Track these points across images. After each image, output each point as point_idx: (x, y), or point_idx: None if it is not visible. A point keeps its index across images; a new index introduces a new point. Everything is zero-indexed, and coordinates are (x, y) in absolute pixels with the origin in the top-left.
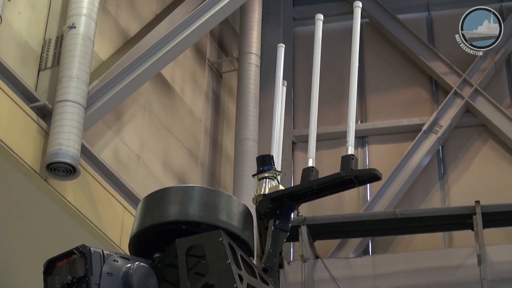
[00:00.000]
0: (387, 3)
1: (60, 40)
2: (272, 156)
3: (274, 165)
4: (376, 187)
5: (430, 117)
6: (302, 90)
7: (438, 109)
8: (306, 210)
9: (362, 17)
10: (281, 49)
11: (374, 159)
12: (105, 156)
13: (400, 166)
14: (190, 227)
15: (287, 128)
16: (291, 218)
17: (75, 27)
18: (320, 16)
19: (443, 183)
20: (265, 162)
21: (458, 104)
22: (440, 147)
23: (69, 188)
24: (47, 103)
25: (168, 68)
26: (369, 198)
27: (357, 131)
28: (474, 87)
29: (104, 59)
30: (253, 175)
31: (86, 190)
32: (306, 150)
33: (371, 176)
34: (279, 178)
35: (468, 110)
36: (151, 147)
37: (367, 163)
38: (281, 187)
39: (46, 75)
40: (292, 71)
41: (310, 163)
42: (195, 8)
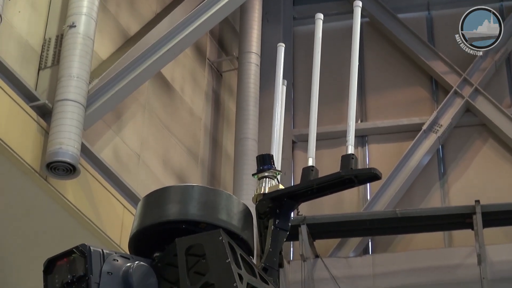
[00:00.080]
0: (387, 3)
1: (60, 39)
2: (272, 155)
3: (274, 164)
4: (376, 186)
5: (430, 117)
6: (302, 89)
7: (438, 109)
8: (306, 210)
9: (362, 16)
10: (281, 48)
11: (374, 158)
12: (105, 155)
13: (400, 165)
14: (190, 226)
15: (287, 128)
16: (291, 217)
17: (75, 26)
18: (320, 16)
19: (443, 182)
20: (265, 161)
21: (458, 103)
22: (440, 146)
23: (69, 187)
24: (47, 102)
25: (168, 67)
26: (369, 197)
27: (357, 130)
28: (474, 87)
29: (104, 58)
30: (253, 174)
31: (86, 189)
32: (306, 149)
33: (371, 175)
34: (279, 177)
35: (468, 109)
36: (151, 146)
37: (367, 163)
38: (281, 186)
39: (46, 74)
40: (292, 70)
41: (310, 162)
42: (195, 7)
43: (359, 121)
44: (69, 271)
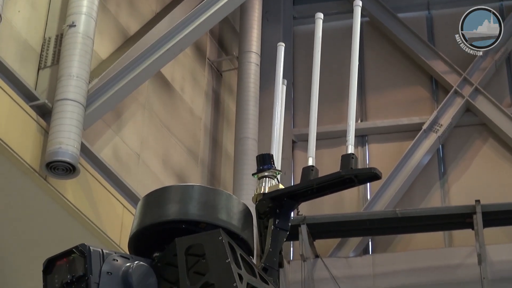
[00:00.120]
0: (387, 2)
1: (60, 38)
2: (272, 155)
3: (274, 164)
4: (376, 186)
5: (430, 116)
6: (302, 89)
7: (438, 108)
8: (306, 209)
9: (362, 16)
10: (281, 47)
11: (374, 158)
12: (105, 155)
13: (400, 165)
14: (190, 226)
15: (287, 127)
16: (291, 217)
17: (75, 25)
18: (320, 15)
19: (443, 182)
20: (265, 161)
21: (458, 103)
22: (440, 146)
23: (68, 187)
24: (46, 102)
25: (168, 67)
26: (369, 197)
27: (357, 130)
28: (474, 86)
29: (104, 58)
30: (253, 174)
31: (86, 189)
32: (306, 149)
33: (371, 175)
34: (279, 177)
35: (468, 109)
36: (150, 146)
37: (367, 162)
38: (281, 186)
39: (45, 74)
40: (292, 70)
41: (310, 162)
42: (195, 7)
43: (359, 121)
44: (68, 271)
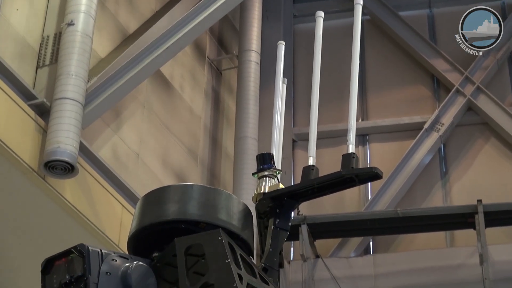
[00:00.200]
0: (389, 0)
1: (58, 37)
2: (272, 155)
3: (274, 163)
4: (377, 185)
5: (431, 115)
6: (302, 87)
7: (440, 107)
8: (307, 209)
9: (363, 14)
10: (281, 46)
11: (375, 157)
12: (104, 154)
13: (402, 164)
14: (189, 226)
15: (288, 126)
16: (292, 217)
17: (73, 24)
18: (321, 13)
19: (445, 181)
20: (265, 161)
21: (460, 102)
22: (442, 145)
23: (67, 186)
24: (45, 101)
25: (168, 66)
26: (370, 196)
27: (358, 129)
28: (476, 85)
29: (102, 56)
30: (253, 174)
31: (85, 189)
32: (306, 148)
33: (372, 174)
34: (279, 176)
35: (470, 108)
36: (150, 145)
37: (368, 162)
38: (281, 186)
39: (44, 73)
40: (293, 68)
41: (311, 161)
42: (195, 5)
43: (360, 120)
44: (67, 271)
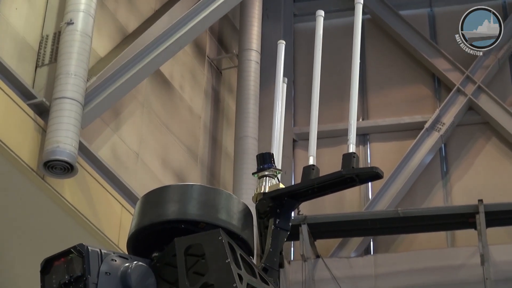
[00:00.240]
0: None
1: (57, 36)
2: (273, 154)
3: (274, 163)
4: (378, 185)
5: (432, 115)
6: (303, 87)
7: (441, 107)
8: (307, 209)
9: (364, 13)
10: (282, 45)
11: (375, 157)
12: (103, 154)
13: (402, 164)
14: (189, 226)
15: (288, 126)
16: (292, 217)
17: (73, 23)
18: (321, 12)
19: (446, 181)
20: (265, 160)
21: (461, 101)
22: (443, 145)
23: (66, 186)
24: (44, 100)
25: (167, 65)
26: (370, 196)
27: (358, 128)
28: (477, 84)
29: (102, 56)
30: (253, 173)
31: (84, 188)
32: (307, 148)
33: (373, 174)
34: (279, 176)
35: (471, 107)
36: (149, 145)
37: (368, 161)
38: (282, 186)
39: (43, 72)
40: (293, 68)
41: (311, 161)
42: (195, 4)
43: (360, 119)
44: (66, 271)
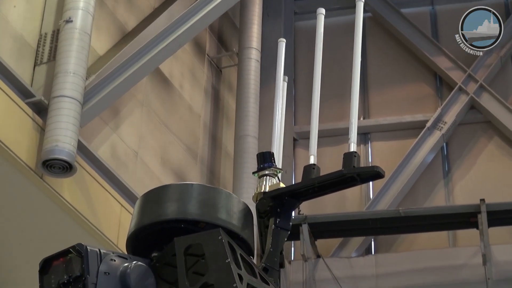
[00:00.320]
0: None
1: (56, 34)
2: (273, 153)
3: (274, 162)
4: (379, 185)
5: (434, 114)
6: (303, 85)
7: (443, 105)
8: (307, 209)
9: (365, 11)
10: (282, 43)
11: (376, 156)
12: (102, 152)
13: (404, 163)
14: (189, 226)
15: (288, 125)
16: (292, 216)
17: (71, 21)
18: (322, 11)
19: (448, 181)
20: (265, 159)
21: (463, 100)
22: (445, 144)
23: (65, 185)
24: (43, 99)
25: (167, 63)
26: (371, 196)
27: (359, 127)
28: (479, 83)
29: (101, 54)
30: (253, 173)
31: (83, 188)
32: (307, 147)
33: (374, 173)
34: (279, 175)
35: (473, 106)
36: (149, 144)
37: (369, 161)
38: (282, 185)
39: (42, 70)
40: (293, 66)
41: (312, 160)
42: (194, 2)
43: (361, 118)
44: (65, 271)
